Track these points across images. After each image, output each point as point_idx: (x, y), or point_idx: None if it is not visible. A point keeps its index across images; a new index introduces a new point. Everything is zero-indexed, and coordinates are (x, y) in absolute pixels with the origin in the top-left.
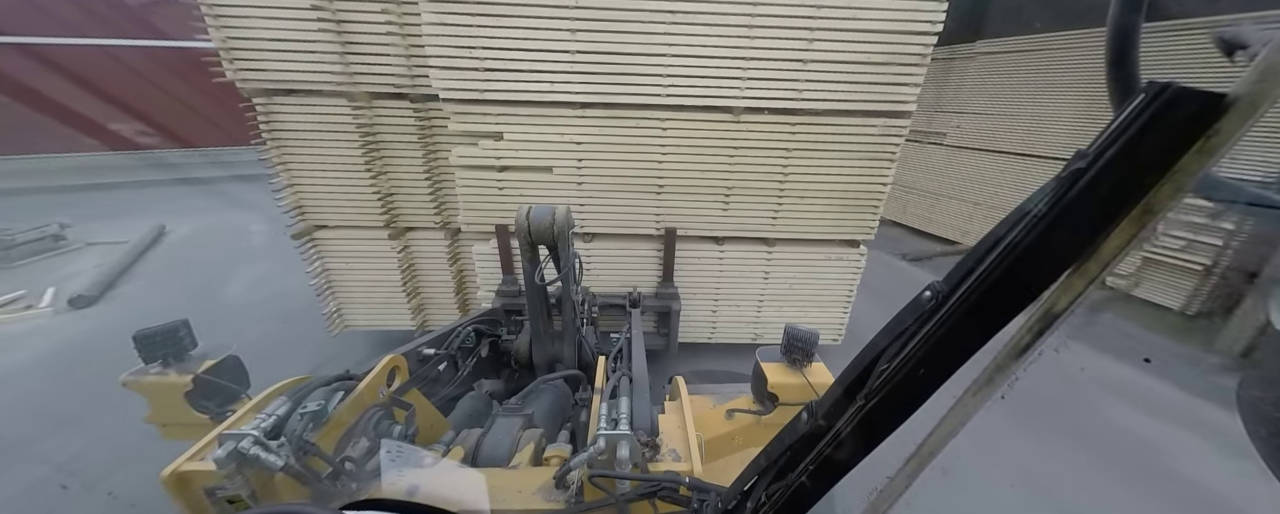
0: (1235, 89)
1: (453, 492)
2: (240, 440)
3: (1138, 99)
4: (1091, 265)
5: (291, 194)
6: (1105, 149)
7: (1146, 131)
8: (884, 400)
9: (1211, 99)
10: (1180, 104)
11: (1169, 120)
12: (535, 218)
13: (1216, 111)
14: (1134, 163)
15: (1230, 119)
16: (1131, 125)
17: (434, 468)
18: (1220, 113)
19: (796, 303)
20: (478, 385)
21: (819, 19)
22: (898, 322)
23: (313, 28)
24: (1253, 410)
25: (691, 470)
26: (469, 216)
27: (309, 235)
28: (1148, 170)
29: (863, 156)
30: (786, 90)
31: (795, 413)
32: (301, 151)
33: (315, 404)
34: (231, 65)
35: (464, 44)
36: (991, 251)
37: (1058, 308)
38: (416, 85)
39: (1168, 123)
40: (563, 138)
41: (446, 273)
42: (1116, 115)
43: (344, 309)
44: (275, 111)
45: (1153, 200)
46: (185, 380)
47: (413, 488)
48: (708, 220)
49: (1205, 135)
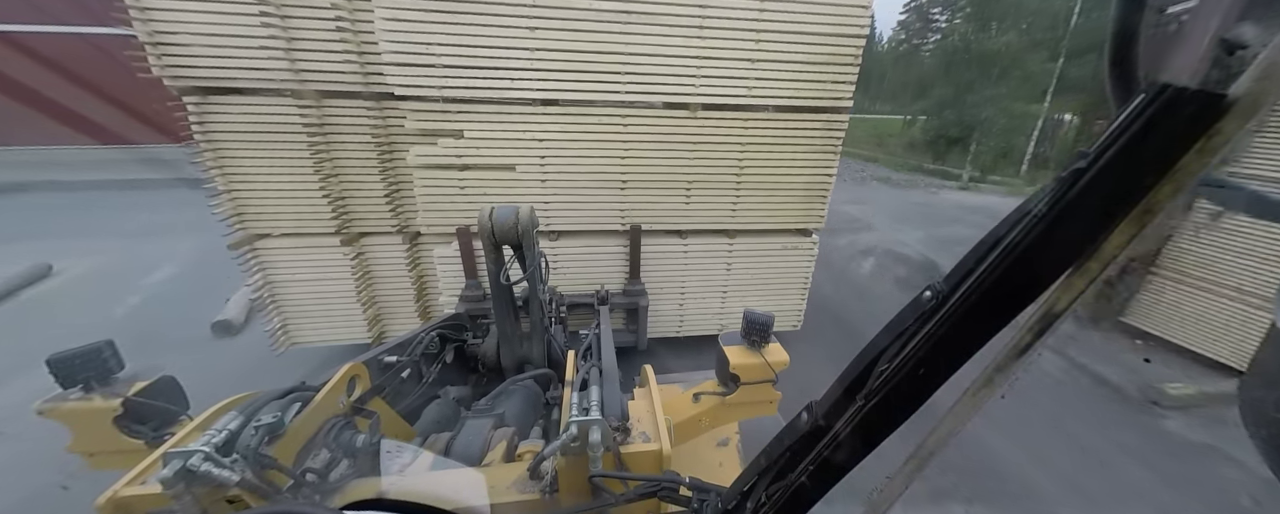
0: (1236, 89)
1: (425, 490)
2: (189, 458)
3: (1138, 99)
4: (1092, 265)
5: (229, 201)
6: (1106, 149)
7: (1147, 131)
8: (884, 400)
9: (1212, 99)
10: (1181, 104)
11: (1169, 120)
12: (499, 217)
13: (1217, 112)
14: (1134, 163)
15: (1231, 119)
16: (1132, 125)
17: (404, 469)
18: (1221, 113)
19: (758, 292)
20: (444, 392)
21: (764, 21)
22: (898, 321)
23: (254, 22)
24: (1253, 411)
25: (662, 450)
26: (429, 218)
27: (249, 245)
28: (1148, 170)
29: (810, 149)
30: (739, 88)
31: (754, 390)
32: (241, 154)
33: (270, 416)
34: (159, 61)
35: (420, 41)
36: (992, 251)
37: (1058, 308)
38: (370, 83)
39: (1168, 123)
40: (525, 135)
41: (406, 279)
42: (1117, 115)
43: (290, 324)
44: (211, 111)
45: (1153, 200)
46: (113, 405)
47: (383, 490)
48: (671, 215)
49: (1206, 135)
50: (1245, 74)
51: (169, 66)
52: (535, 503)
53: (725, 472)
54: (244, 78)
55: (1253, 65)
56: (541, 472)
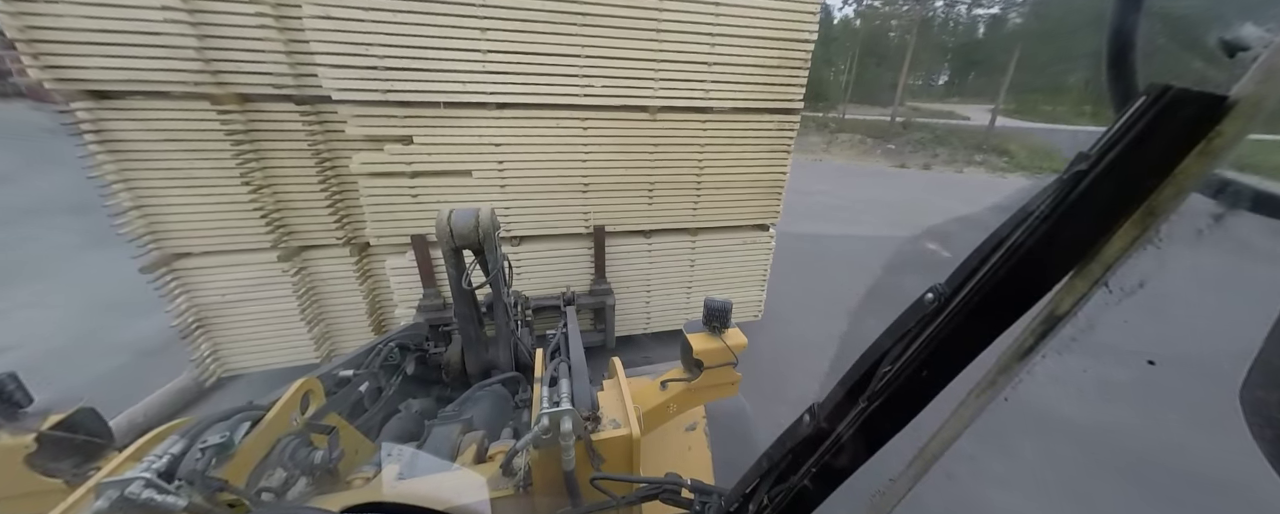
0: (1237, 91)
1: (397, 497)
2: (127, 486)
3: (1139, 101)
4: (1094, 267)
5: (138, 218)
6: (1107, 151)
7: (1148, 134)
8: (887, 403)
9: (1213, 101)
10: (1181, 106)
11: (1170, 122)
12: (458, 221)
13: (1218, 113)
14: (1136, 165)
15: (1232, 121)
16: (1133, 127)
17: (372, 479)
18: (1221, 115)
19: (720, 286)
20: (406, 406)
21: (718, 25)
22: (900, 323)
23: (155, 17)
24: (1256, 410)
25: (632, 434)
26: (378, 228)
27: (166, 266)
28: (1150, 172)
29: (765, 149)
30: (696, 90)
31: (717, 373)
32: (149, 165)
33: (218, 437)
34: (36, 61)
35: (358, 40)
36: (994, 253)
37: (1061, 310)
38: (303, 85)
39: (1169, 125)
40: (480, 140)
41: (356, 293)
42: (1117, 117)
43: (222, 350)
44: (108, 118)
45: (1155, 202)
46: (24, 441)
47: (350, 503)
48: (634, 215)
49: (1207, 137)
50: (1246, 76)
51: (50, 67)
52: (510, 499)
53: (694, 455)
54: (147, 80)
55: (1254, 67)
56: (514, 468)
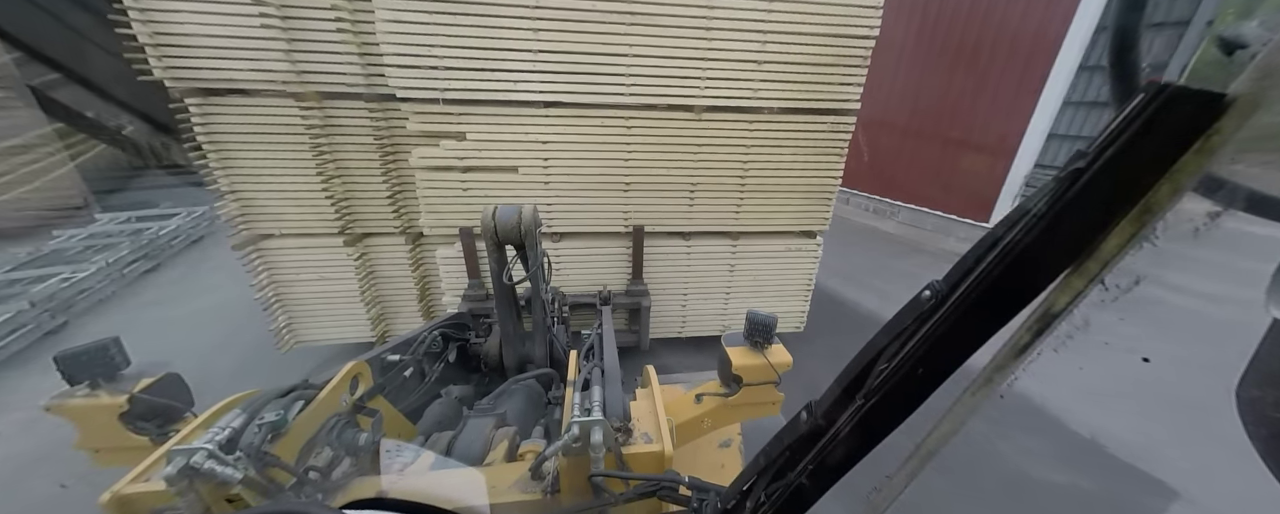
0: (1235, 89)
1: (426, 490)
2: (192, 455)
3: (1138, 98)
4: (1091, 265)
5: (233, 202)
6: (1105, 148)
7: (1146, 131)
8: (883, 400)
9: (1211, 99)
10: (1180, 104)
11: (1169, 120)
12: (501, 218)
13: (1216, 111)
14: (1133, 162)
15: (1230, 119)
16: (1131, 125)
17: (406, 469)
18: (1220, 113)
19: (761, 294)
20: (446, 391)
21: (770, 22)
22: (897, 321)
23: (254, 24)
24: (1252, 409)
25: (664, 451)
26: (431, 219)
27: (253, 245)
28: (1147, 170)
29: (815, 152)
30: (743, 89)
31: (757, 391)
32: (244, 156)
33: (273, 414)
34: (160, 63)
35: (422, 42)
36: (991, 251)
37: (1057, 307)
38: (372, 85)
39: (1167, 122)
40: (528, 137)
41: (408, 280)
42: (1116, 114)
43: (295, 323)
44: (213, 113)
45: (1152, 200)
46: (119, 401)
47: (385, 489)
48: (674, 216)
49: (1205, 135)
50: (1244, 74)
51: (170, 68)
52: (537, 503)
53: (727, 473)
54: (245, 79)
55: (1251, 65)
56: (543, 472)
